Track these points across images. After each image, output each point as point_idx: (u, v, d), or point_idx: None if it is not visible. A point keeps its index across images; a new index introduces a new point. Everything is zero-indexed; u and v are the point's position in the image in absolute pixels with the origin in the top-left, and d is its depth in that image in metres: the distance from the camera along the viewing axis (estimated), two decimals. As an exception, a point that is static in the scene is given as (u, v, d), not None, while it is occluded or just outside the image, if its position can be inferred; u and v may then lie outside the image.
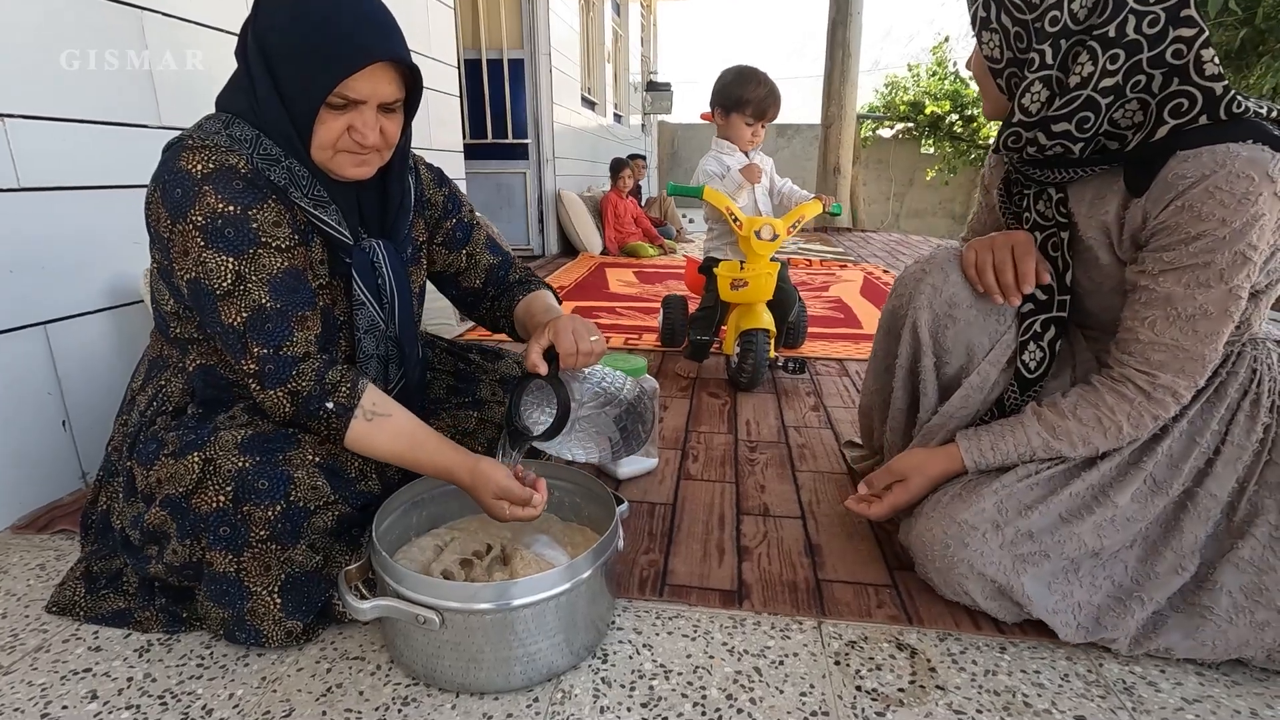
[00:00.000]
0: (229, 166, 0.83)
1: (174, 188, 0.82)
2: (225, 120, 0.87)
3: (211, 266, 0.83)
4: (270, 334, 0.84)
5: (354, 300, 0.96)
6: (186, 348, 0.96)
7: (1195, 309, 0.86)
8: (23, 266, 1.21)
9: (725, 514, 1.27)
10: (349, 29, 0.82)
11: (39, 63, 1.21)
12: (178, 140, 0.87)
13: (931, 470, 1.02)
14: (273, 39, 0.83)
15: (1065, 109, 0.87)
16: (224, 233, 0.82)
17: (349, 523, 0.95)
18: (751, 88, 1.98)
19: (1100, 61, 0.84)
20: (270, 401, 0.86)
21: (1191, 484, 0.92)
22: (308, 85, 0.83)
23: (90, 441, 1.34)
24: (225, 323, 0.84)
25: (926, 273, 1.06)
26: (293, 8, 0.82)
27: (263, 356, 0.84)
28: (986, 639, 0.94)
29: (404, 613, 0.77)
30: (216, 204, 0.82)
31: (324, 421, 0.86)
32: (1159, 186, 0.85)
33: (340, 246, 0.94)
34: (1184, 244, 0.84)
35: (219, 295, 0.83)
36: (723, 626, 0.96)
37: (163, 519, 0.86)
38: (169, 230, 0.83)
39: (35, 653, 0.89)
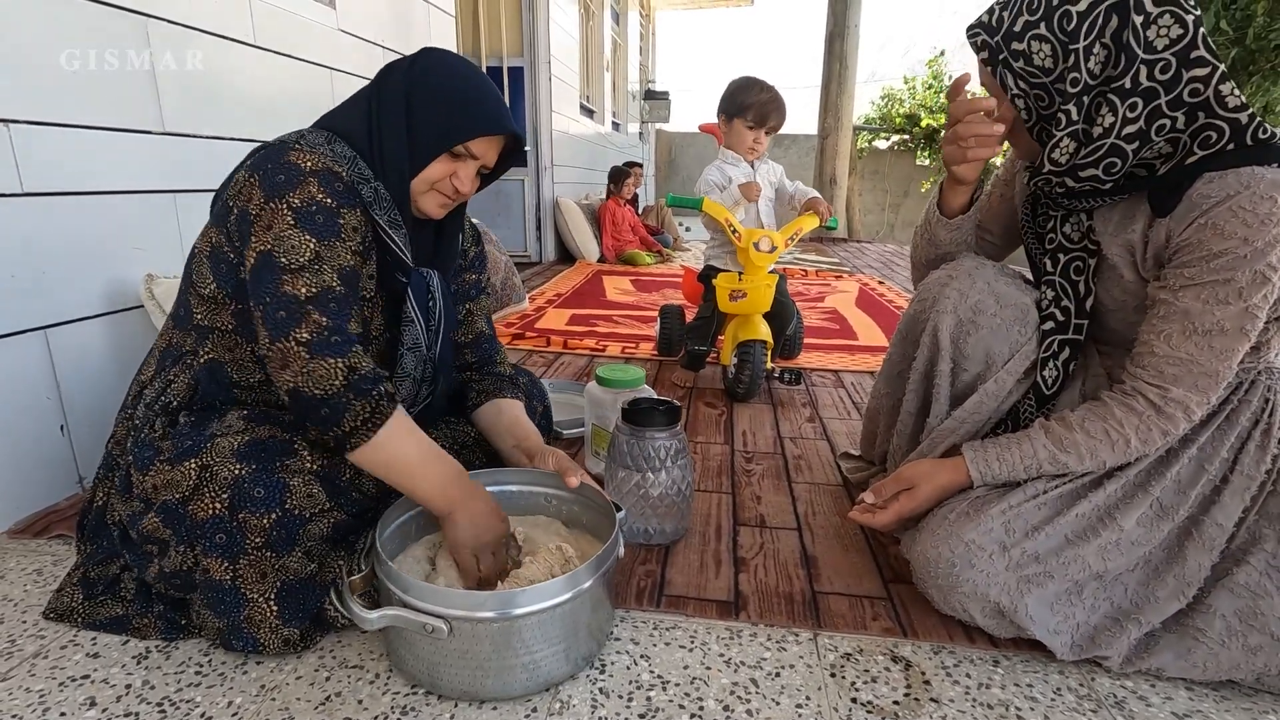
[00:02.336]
0: (334, 171, 0.91)
1: (278, 173, 0.88)
2: (328, 137, 0.96)
3: (294, 243, 0.86)
4: (334, 311, 0.87)
5: (404, 318, 1.02)
6: (204, 338, 0.97)
7: (1212, 324, 0.87)
8: (24, 271, 1.21)
9: (722, 525, 1.28)
10: (490, 101, 0.99)
11: (42, 67, 1.22)
12: (281, 142, 0.93)
13: (939, 480, 1.03)
14: (425, 86, 0.96)
15: (1091, 157, 0.90)
16: (315, 218, 0.88)
17: (344, 529, 0.95)
18: (753, 93, 2.00)
19: (1120, 111, 0.86)
20: (320, 370, 0.83)
21: (1198, 511, 0.93)
22: (444, 130, 0.96)
23: (88, 446, 1.34)
24: (287, 292, 0.85)
25: (953, 278, 1.08)
26: (450, 71, 0.98)
27: (325, 325, 0.85)
28: (980, 652, 0.95)
29: (412, 622, 0.78)
30: (316, 193, 0.88)
31: (371, 403, 0.85)
32: (1184, 205, 0.87)
33: (399, 267, 1.00)
34: (1206, 260, 0.86)
35: (290, 268, 0.86)
36: (719, 638, 0.97)
37: (157, 525, 0.86)
38: (259, 208, 0.87)
39: (33, 659, 0.89)
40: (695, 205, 1.91)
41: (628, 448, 1.17)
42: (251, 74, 1.77)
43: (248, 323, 0.95)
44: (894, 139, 9.61)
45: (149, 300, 1.41)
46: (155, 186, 1.48)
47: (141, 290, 1.42)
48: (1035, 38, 0.89)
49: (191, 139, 1.57)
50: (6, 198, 1.17)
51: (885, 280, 4.42)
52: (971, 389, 1.09)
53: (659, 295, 3.72)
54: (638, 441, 1.16)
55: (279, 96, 1.88)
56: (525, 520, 1.08)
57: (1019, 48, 0.91)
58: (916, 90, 9.57)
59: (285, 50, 1.88)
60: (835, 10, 6.58)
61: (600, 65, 6.71)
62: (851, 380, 2.21)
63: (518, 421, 1.18)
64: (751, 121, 1.99)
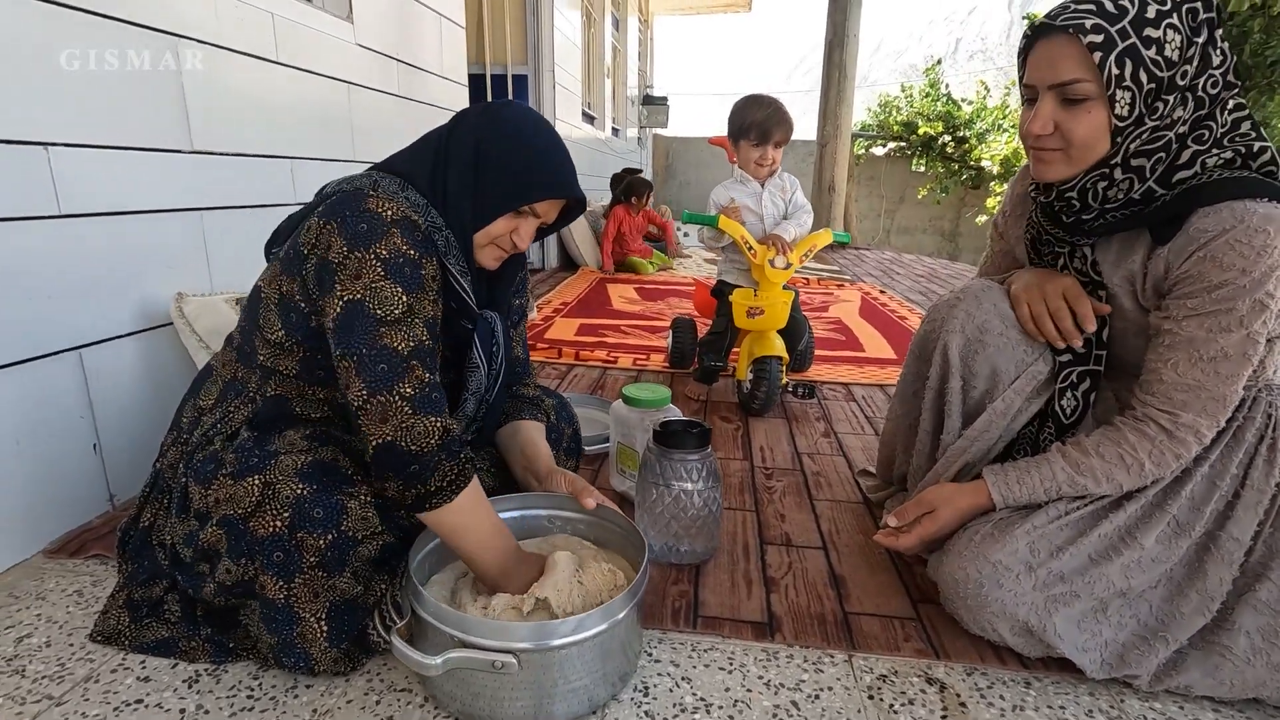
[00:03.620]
0: (412, 221, 0.92)
1: (359, 222, 0.88)
2: (400, 184, 0.97)
3: (386, 295, 0.87)
4: (431, 366, 0.89)
5: (469, 363, 1.05)
6: (268, 377, 0.99)
7: (1217, 351, 0.91)
8: (61, 292, 1.22)
9: (749, 543, 1.30)
10: (558, 163, 1.02)
11: (79, 90, 1.23)
12: (355, 188, 0.93)
13: (960, 503, 1.06)
14: (495, 144, 0.98)
15: (1148, 146, 0.91)
16: (403, 270, 0.89)
17: (389, 551, 0.97)
18: (753, 111, 2.02)
19: (1188, 110, 0.89)
20: (422, 429, 0.85)
21: (1213, 527, 0.96)
22: (511, 191, 0.99)
23: (120, 464, 1.35)
24: (387, 345, 0.86)
25: (960, 300, 1.11)
26: (522, 129, 1.00)
27: (427, 382, 0.87)
28: (1012, 674, 0.98)
29: (480, 661, 0.79)
30: (401, 244, 0.89)
31: (458, 466, 0.87)
32: (1182, 239, 0.91)
33: (464, 313, 1.02)
34: (1207, 291, 0.90)
35: (387, 320, 0.87)
36: (757, 659, 0.99)
37: (219, 537, 0.88)
38: (343, 256, 0.88)
39: (85, 683, 0.90)
40: (711, 223, 1.94)
41: (660, 468, 1.19)
42: (274, 90, 1.78)
43: (313, 369, 0.97)
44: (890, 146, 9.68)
45: (179, 319, 1.42)
46: (183, 205, 1.49)
47: (171, 308, 1.43)
48: (1170, 26, 0.86)
49: (218, 157, 1.58)
50: (46, 220, 1.18)
51: (886, 289, 4.46)
52: (981, 406, 1.12)
53: (664, 304, 3.74)
54: (670, 463, 1.18)
55: (300, 112, 1.89)
56: (552, 540, 1.09)
57: (1153, 34, 0.86)
58: (914, 98, 9.64)
59: (305, 66, 1.90)
60: (835, 19, 6.63)
61: (601, 71, 6.73)
62: (862, 394, 2.24)
63: (530, 443, 1.19)
64: (755, 139, 2.01)
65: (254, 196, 1.70)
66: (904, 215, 10.46)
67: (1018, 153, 7.73)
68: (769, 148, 2.02)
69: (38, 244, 1.17)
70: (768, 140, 2.01)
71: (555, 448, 1.27)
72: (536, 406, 1.25)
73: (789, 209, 2.10)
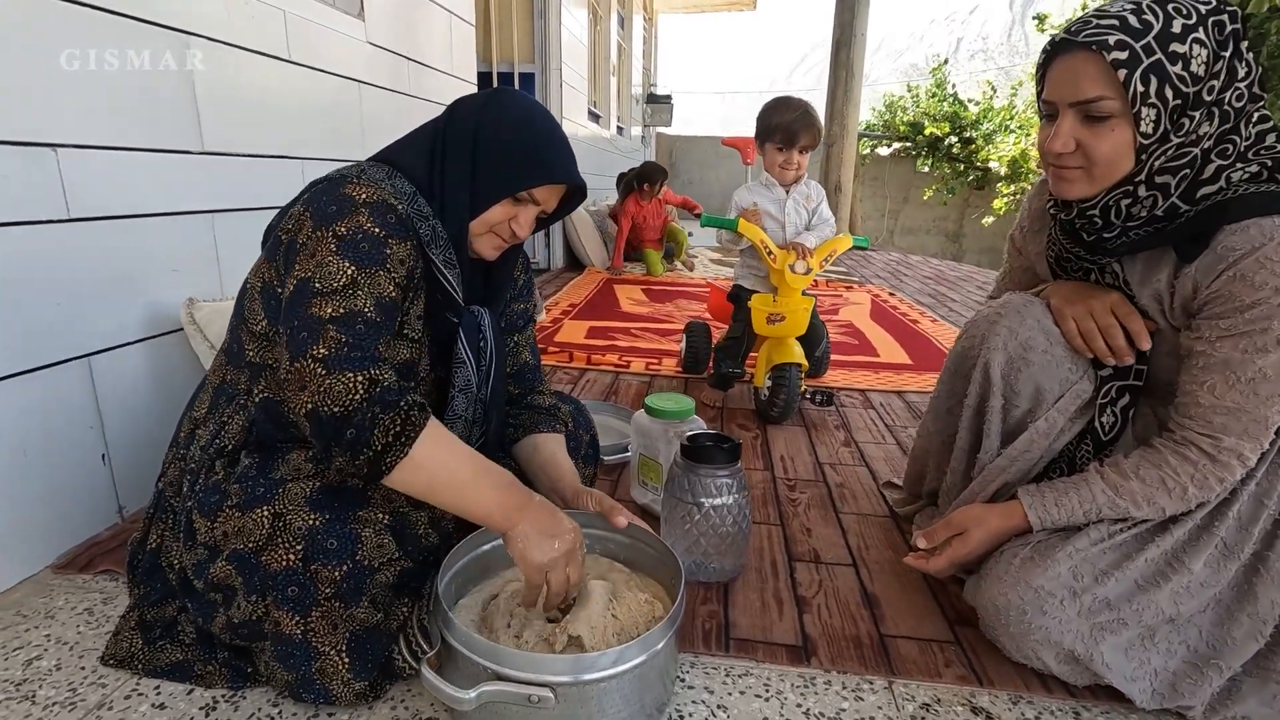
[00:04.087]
0: (389, 204, 0.88)
1: (330, 205, 0.87)
2: (389, 171, 0.94)
3: (331, 269, 0.83)
4: (360, 333, 0.81)
5: (454, 359, 0.99)
6: (257, 375, 0.95)
7: (1255, 372, 0.88)
8: (69, 297, 1.18)
9: (777, 559, 1.26)
10: (558, 149, 0.99)
11: (87, 90, 1.19)
12: (340, 175, 0.91)
13: (992, 525, 1.03)
14: (491, 132, 0.95)
15: (1173, 163, 0.88)
16: (359, 245, 0.85)
17: (409, 576, 0.93)
18: (779, 113, 1.97)
19: (1214, 125, 0.86)
20: (339, 387, 0.77)
21: (1262, 547, 0.93)
22: (509, 176, 0.96)
23: (128, 475, 1.31)
24: (311, 313, 0.80)
25: (1002, 315, 1.07)
26: (521, 115, 0.97)
27: (344, 342, 0.79)
28: (1059, 703, 0.94)
29: (515, 695, 0.76)
30: (365, 222, 0.86)
31: (400, 414, 0.78)
32: (1209, 257, 0.88)
33: (450, 306, 0.97)
34: (1239, 311, 0.87)
35: (321, 292, 0.81)
36: (794, 686, 0.96)
37: (229, 573, 0.84)
38: (307, 237, 0.85)
39: (98, 710, 0.87)
40: (731, 226, 1.90)
41: (688, 484, 1.15)
42: (285, 90, 1.74)
43: None
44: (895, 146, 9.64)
45: (189, 324, 1.38)
46: (193, 207, 1.45)
47: (182, 314, 1.39)
48: (1196, 41, 0.84)
49: (229, 158, 1.54)
50: (55, 224, 1.14)
51: (895, 291, 4.43)
52: (1022, 426, 1.08)
53: (672, 305, 3.71)
54: (699, 479, 1.14)
55: (311, 111, 1.85)
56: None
57: (1179, 49, 0.83)
58: (920, 99, 9.60)
59: (317, 64, 1.86)
60: (842, 19, 6.59)
61: (607, 70, 6.69)
62: (880, 400, 2.20)
63: (553, 460, 1.14)
64: (780, 143, 1.96)
65: (265, 198, 1.66)
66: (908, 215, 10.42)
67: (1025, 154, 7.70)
68: (794, 152, 1.97)
69: (46, 248, 1.14)
70: (794, 144, 1.95)
71: (574, 455, 1.22)
72: (554, 417, 1.21)
73: (813, 219, 2.05)
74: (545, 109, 1.02)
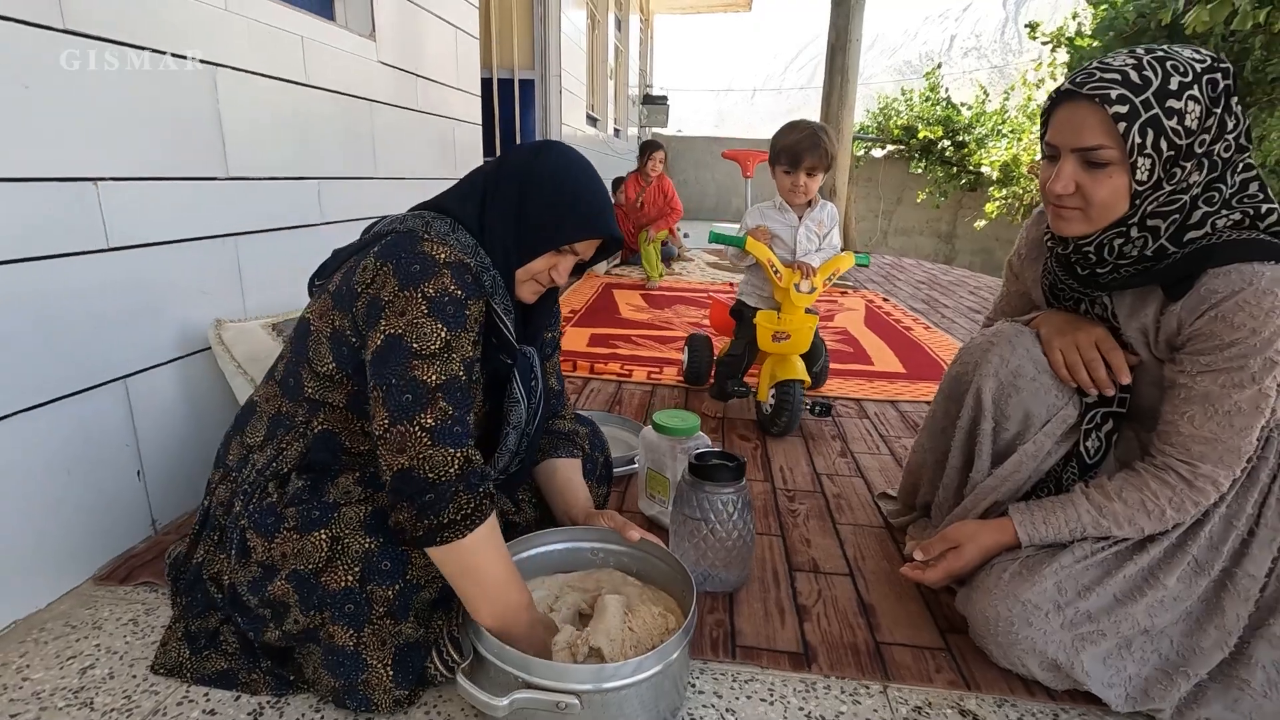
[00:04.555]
0: (464, 264, 0.94)
1: (413, 264, 0.91)
2: (451, 224, 1.00)
3: (426, 330, 0.89)
4: (459, 401, 0.90)
5: (509, 398, 1.07)
6: (316, 409, 1.01)
7: (1231, 406, 0.96)
8: (109, 323, 1.24)
9: (778, 569, 1.34)
10: (599, 206, 1.06)
11: (122, 124, 1.25)
12: (407, 230, 0.96)
13: (984, 540, 1.10)
14: (540, 184, 1.03)
15: (1165, 208, 0.95)
16: (447, 309, 0.91)
17: (446, 592, 1.00)
18: (786, 134, 1.96)
19: (1203, 173, 0.94)
20: (439, 458, 0.86)
21: (1230, 564, 1.01)
22: (555, 229, 1.03)
23: (161, 490, 1.38)
24: (416, 377, 0.88)
25: (994, 344, 1.15)
26: (567, 171, 1.05)
27: (450, 415, 0.88)
28: (1040, 705, 1.02)
29: (544, 702, 0.83)
30: (449, 285, 0.92)
31: (475, 499, 0.87)
32: (1193, 298, 0.95)
33: (505, 348, 1.04)
34: (1219, 350, 0.94)
35: (422, 354, 0.88)
36: (796, 690, 1.03)
37: (287, 591, 0.91)
38: (392, 294, 0.90)
39: (153, 716, 0.93)
40: (739, 244, 1.94)
41: (695, 500, 1.22)
42: (303, 112, 1.80)
43: (361, 402, 0.99)
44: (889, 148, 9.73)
45: (217, 345, 1.45)
46: (219, 231, 1.51)
47: (210, 334, 1.45)
48: (1191, 98, 0.90)
49: (251, 181, 1.60)
50: (96, 254, 1.20)
51: (889, 297, 4.51)
52: (1011, 447, 1.16)
53: (671, 312, 3.78)
54: (706, 496, 1.22)
55: (326, 132, 1.91)
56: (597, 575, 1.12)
57: (1175, 105, 0.90)
58: (914, 102, 9.70)
59: (332, 86, 1.91)
60: (837, 24, 6.65)
61: (604, 73, 6.74)
62: (874, 410, 2.28)
63: (569, 484, 1.23)
64: (786, 165, 1.96)
65: (284, 219, 1.72)
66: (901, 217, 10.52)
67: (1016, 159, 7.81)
68: (801, 174, 1.94)
69: (89, 277, 1.20)
70: (798, 166, 1.93)
71: (589, 477, 1.30)
72: (572, 442, 1.28)
73: (821, 245, 2.06)
74: (587, 161, 1.09)
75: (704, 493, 1.22)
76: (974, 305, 4.38)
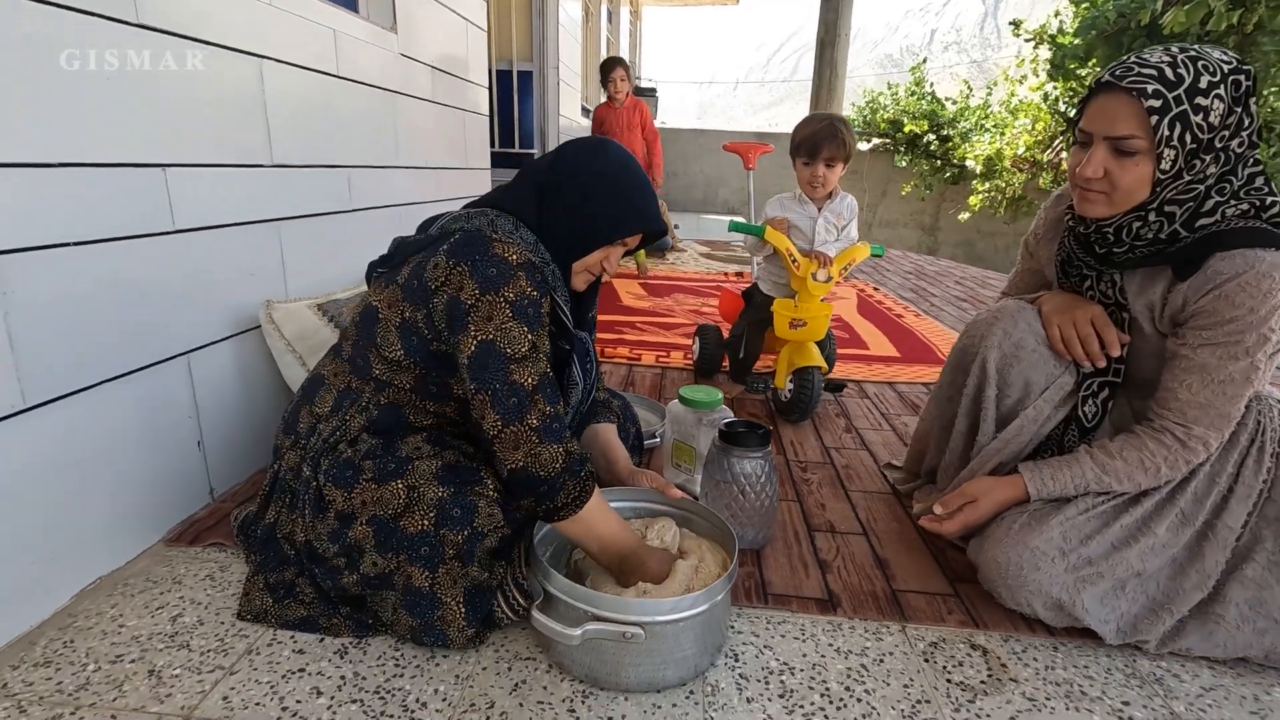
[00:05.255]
0: (533, 263, 1.02)
1: (489, 267, 0.99)
2: (515, 223, 1.08)
3: (514, 335, 0.98)
4: (551, 398, 1.00)
5: (569, 381, 1.16)
6: (382, 389, 1.10)
7: (1225, 376, 1.08)
8: (174, 302, 1.32)
9: (799, 530, 1.45)
10: (650, 201, 1.16)
11: (185, 115, 1.32)
12: (477, 229, 1.03)
13: (998, 495, 1.22)
14: (594, 188, 1.12)
15: (1182, 195, 1.05)
16: (528, 311, 1.00)
17: (504, 541, 1.10)
18: (803, 127, 2.00)
19: (1220, 165, 1.04)
20: (547, 455, 0.96)
21: (1211, 516, 1.13)
22: (613, 226, 1.13)
23: (218, 460, 1.46)
24: (516, 381, 0.97)
25: (998, 319, 1.27)
26: (619, 172, 1.14)
27: (549, 414, 0.99)
28: (1041, 640, 1.15)
29: (612, 632, 0.93)
30: (526, 287, 1.00)
31: (580, 483, 0.99)
32: (1200, 278, 1.07)
33: (564, 335, 1.13)
34: (1219, 325, 1.06)
35: (515, 358, 0.98)
36: (824, 630, 1.15)
37: (366, 535, 1.00)
38: (475, 299, 0.98)
39: (248, 655, 1.02)
40: (758, 233, 2.01)
41: (726, 465, 1.33)
42: (334, 103, 1.87)
43: (426, 385, 1.09)
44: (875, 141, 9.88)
45: (268, 324, 1.52)
46: (264, 216, 1.58)
47: (261, 314, 1.53)
48: (1217, 97, 0.99)
49: (292, 169, 1.67)
50: (164, 235, 1.28)
51: (879, 287, 4.65)
52: (1013, 413, 1.28)
53: (671, 300, 3.88)
54: (736, 460, 1.32)
55: (352, 121, 1.98)
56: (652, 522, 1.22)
57: (1203, 103, 0.99)
58: (900, 96, 9.85)
59: (359, 78, 1.99)
60: (826, 19, 6.78)
61: (597, 65, 6.80)
62: (874, 390, 2.40)
63: (610, 445, 1.33)
64: (805, 157, 1.99)
65: (319, 205, 1.80)
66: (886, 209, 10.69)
67: (1000, 153, 8.00)
68: (820, 166, 1.97)
69: (157, 257, 1.27)
70: (817, 157, 1.96)
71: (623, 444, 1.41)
72: (608, 409, 1.39)
73: (839, 237, 2.11)
74: (635, 159, 1.18)
75: (734, 458, 1.32)
76: (960, 294, 4.53)
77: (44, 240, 1.05)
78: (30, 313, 1.04)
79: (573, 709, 0.96)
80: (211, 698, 0.94)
